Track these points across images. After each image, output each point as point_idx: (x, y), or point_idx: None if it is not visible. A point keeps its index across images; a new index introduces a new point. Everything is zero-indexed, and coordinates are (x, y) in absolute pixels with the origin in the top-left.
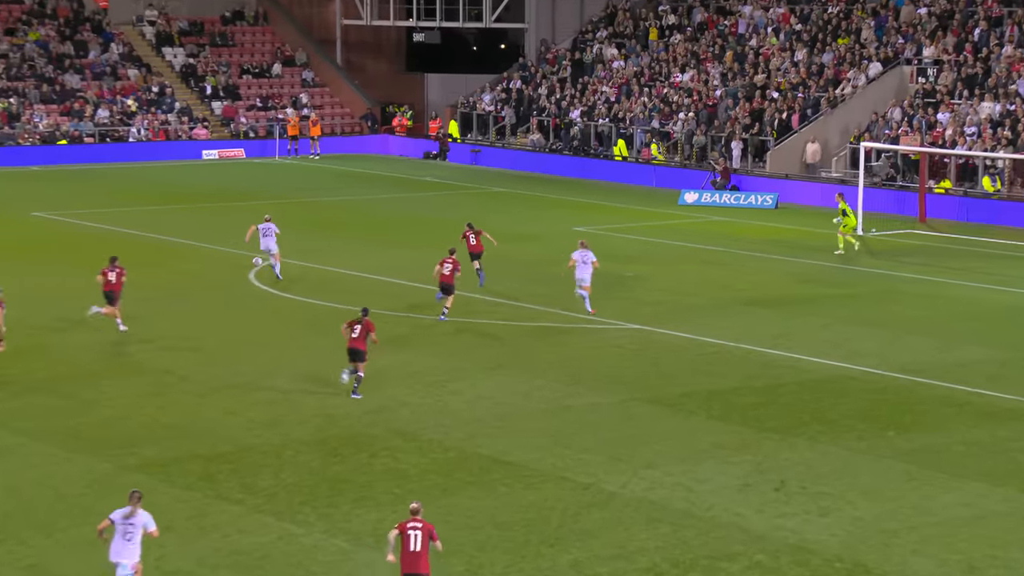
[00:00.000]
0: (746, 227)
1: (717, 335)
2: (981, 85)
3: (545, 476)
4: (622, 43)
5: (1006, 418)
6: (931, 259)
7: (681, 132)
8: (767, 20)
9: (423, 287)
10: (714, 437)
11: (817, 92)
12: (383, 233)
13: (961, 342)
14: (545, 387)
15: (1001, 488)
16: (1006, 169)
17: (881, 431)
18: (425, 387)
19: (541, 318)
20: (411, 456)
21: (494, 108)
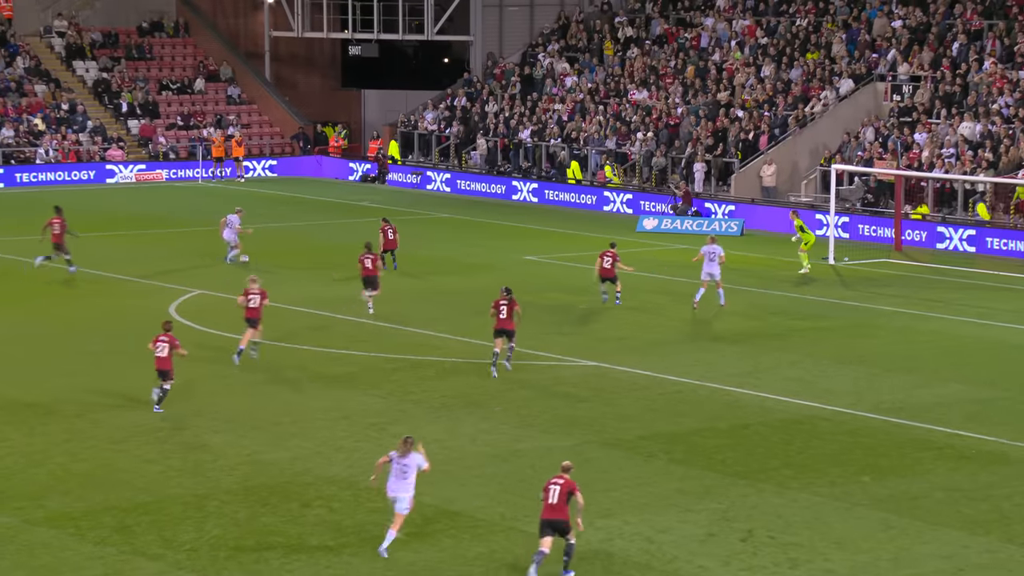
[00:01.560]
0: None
1: (679, 373)
2: (960, 103)
3: (493, 527)
4: (575, 57)
5: (988, 461)
6: (907, 290)
7: (639, 153)
8: (731, 33)
9: (360, 321)
10: (676, 483)
11: (785, 110)
12: (316, 262)
13: (940, 380)
14: (493, 430)
15: (983, 538)
16: (987, 194)
17: (855, 476)
18: (363, 430)
19: (489, 355)
20: (347, 506)
21: (437, 127)
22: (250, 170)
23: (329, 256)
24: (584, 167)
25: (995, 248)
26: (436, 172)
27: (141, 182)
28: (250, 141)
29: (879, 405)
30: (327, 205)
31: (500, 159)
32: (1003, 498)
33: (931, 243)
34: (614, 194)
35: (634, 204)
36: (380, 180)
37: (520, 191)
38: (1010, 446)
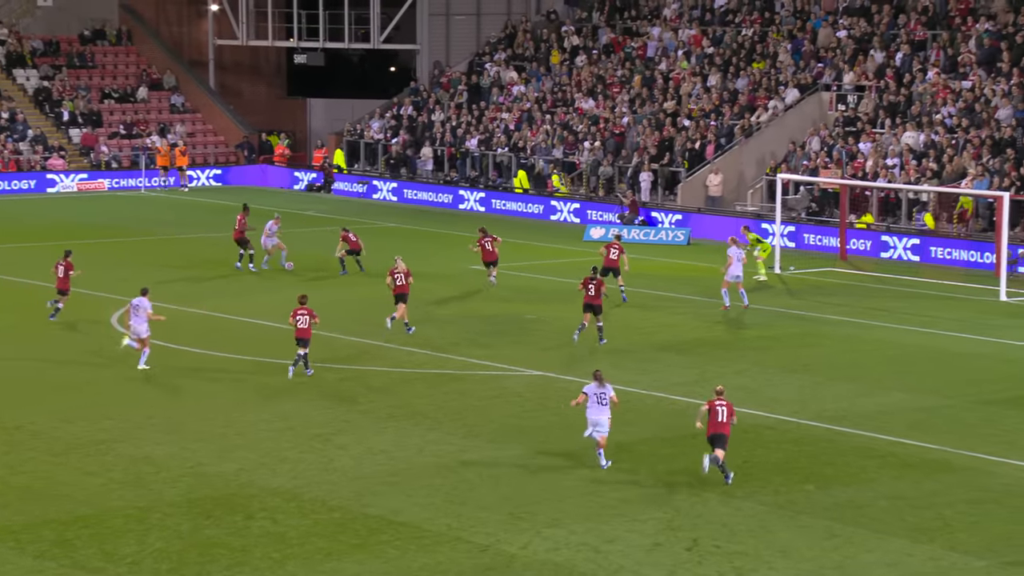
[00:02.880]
0: (656, 265)
1: (626, 382)
2: (904, 113)
3: (439, 538)
4: (522, 66)
5: (931, 469)
6: (852, 299)
7: (586, 162)
8: (677, 43)
9: None
10: (622, 493)
11: (731, 120)
12: (261, 273)
13: (883, 388)
14: (440, 440)
15: (926, 546)
16: (931, 203)
17: (800, 485)
18: (307, 441)
19: (436, 364)
20: (291, 517)
21: (384, 136)
22: (194, 179)
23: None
24: (531, 176)
25: (938, 257)
26: (383, 181)
27: (83, 191)
28: (194, 150)
29: (823, 413)
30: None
31: (447, 168)
32: (946, 506)
33: (875, 252)
34: (561, 203)
35: (581, 213)
36: (326, 189)
37: (467, 200)
38: (953, 454)
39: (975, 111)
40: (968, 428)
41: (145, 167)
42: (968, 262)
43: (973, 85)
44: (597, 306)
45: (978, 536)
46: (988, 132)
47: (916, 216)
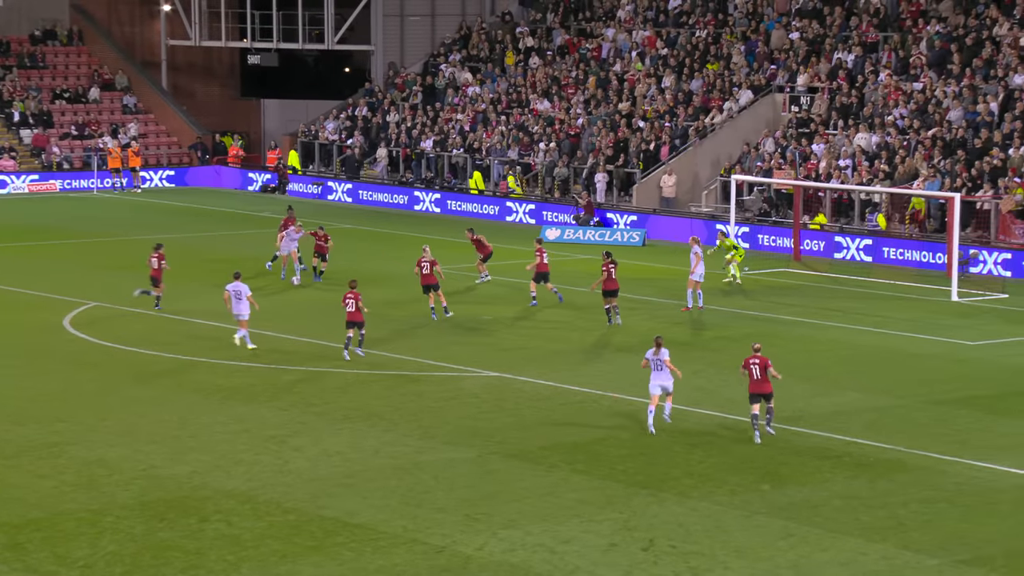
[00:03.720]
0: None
1: (582, 383)
2: (856, 115)
3: (395, 539)
4: (477, 67)
5: (885, 469)
6: (806, 299)
7: (542, 163)
8: (631, 44)
9: (261, 333)
10: (578, 493)
11: (686, 121)
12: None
13: (838, 388)
14: (396, 442)
15: (880, 544)
16: (884, 204)
17: (755, 485)
18: (262, 443)
19: (392, 366)
20: (246, 520)
21: (338, 137)
22: (147, 180)
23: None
24: (487, 177)
25: (891, 258)
26: (338, 182)
27: (34, 193)
28: (147, 151)
29: (779, 414)
30: (226, 216)
31: (402, 169)
32: (899, 505)
33: (829, 253)
34: (517, 204)
35: (537, 214)
36: (280, 190)
37: (422, 201)
38: (907, 453)
39: (927, 112)
40: (921, 428)
41: (97, 168)
42: (920, 263)
43: (924, 87)
44: (615, 290)
45: (931, 535)
46: (939, 133)
47: (869, 217)
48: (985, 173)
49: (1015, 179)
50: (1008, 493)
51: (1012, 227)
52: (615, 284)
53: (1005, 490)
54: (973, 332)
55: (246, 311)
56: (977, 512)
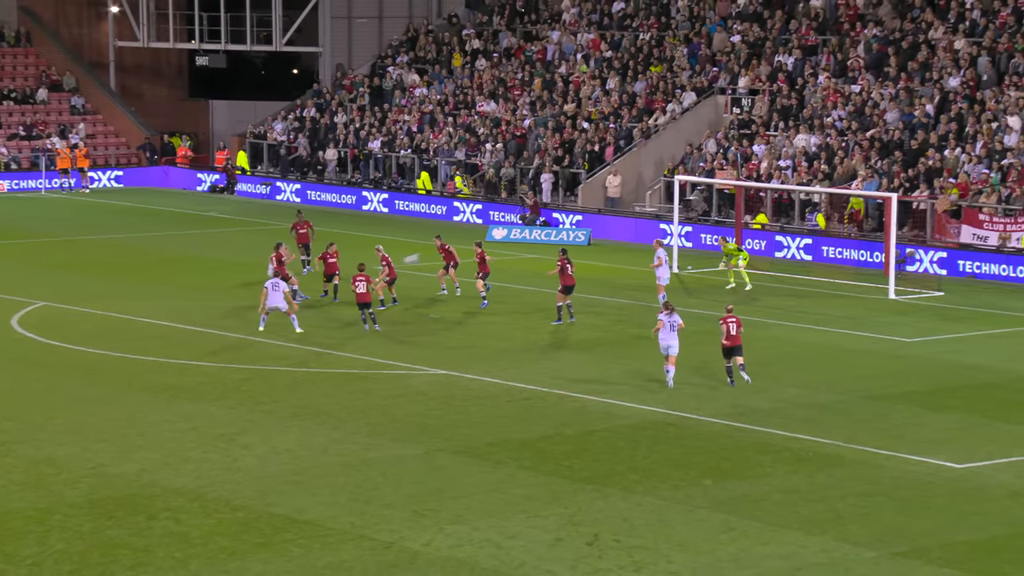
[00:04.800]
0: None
1: (528, 380)
2: (796, 116)
3: (344, 535)
4: (424, 69)
5: (824, 464)
6: (748, 297)
7: (488, 164)
8: (576, 47)
9: (209, 332)
10: (525, 489)
11: (630, 122)
12: (164, 274)
13: (779, 384)
14: (344, 439)
15: (819, 537)
16: (823, 204)
17: (698, 479)
18: (211, 441)
19: (341, 364)
20: (195, 517)
21: (287, 137)
22: (95, 180)
23: (180, 267)
24: (434, 177)
25: (830, 256)
26: (286, 183)
27: None
28: (95, 151)
29: (721, 410)
30: (175, 216)
31: (350, 169)
32: (838, 499)
33: (770, 252)
34: (464, 204)
35: (484, 214)
36: (229, 190)
37: (370, 201)
38: (845, 448)
39: (864, 114)
40: (859, 423)
41: (45, 169)
42: (858, 261)
43: (862, 89)
44: (572, 286)
45: (868, 527)
46: (877, 135)
47: (808, 216)
48: (921, 174)
49: (950, 179)
50: (943, 487)
51: (947, 226)
52: (572, 280)
53: (940, 484)
54: (910, 329)
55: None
56: (913, 505)
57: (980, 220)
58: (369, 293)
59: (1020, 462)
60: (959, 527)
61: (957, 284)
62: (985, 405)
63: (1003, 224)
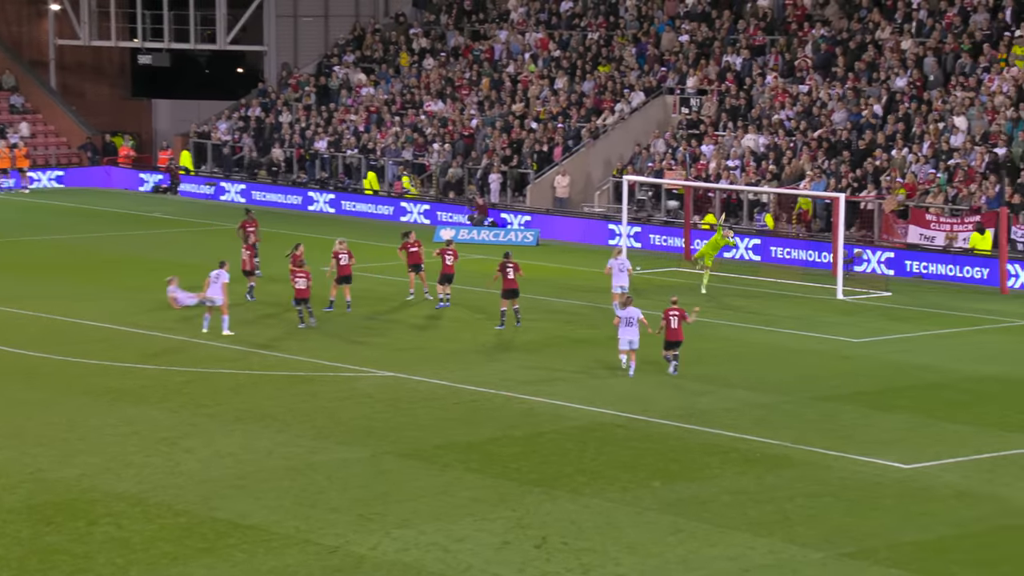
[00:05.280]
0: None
1: (476, 382)
2: (744, 116)
3: (288, 540)
4: (371, 68)
5: (772, 464)
6: (696, 298)
7: (436, 164)
8: (523, 46)
9: (152, 334)
10: (472, 492)
11: (578, 122)
12: (107, 276)
13: (728, 385)
14: (289, 442)
15: (767, 539)
16: (771, 204)
17: (646, 481)
18: (153, 445)
19: (286, 367)
20: (136, 522)
21: (231, 137)
22: (35, 181)
23: (122, 269)
24: (381, 178)
25: (778, 257)
26: (231, 183)
27: None
28: (35, 151)
29: (670, 411)
30: (117, 216)
31: (296, 169)
32: (786, 500)
33: (719, 252)
34: (411, 204)
35: (431, 215)
36: (172, 191)
37: (316, 202)
38: (793, 449)
39: (812, 114)
40: (807, 423)
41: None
42: (806, 262)
43: (810, 89)
44: (515, 290)
45: (816, 529)
46: (824, 135)
47: (757, 217)
48: (869, 174)
49: (897, 179)
50: (890, 487)
51: (895, 226)
52: (514, 284)
53: (888, 484)
54: (857, 329)
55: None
56: (861, 506)
57: (927, 220)
58: (308, 289)
59: (967, 462)
60: (906, 528)
61: (904, 284)
62: (932, 405)
63: (950, 224)
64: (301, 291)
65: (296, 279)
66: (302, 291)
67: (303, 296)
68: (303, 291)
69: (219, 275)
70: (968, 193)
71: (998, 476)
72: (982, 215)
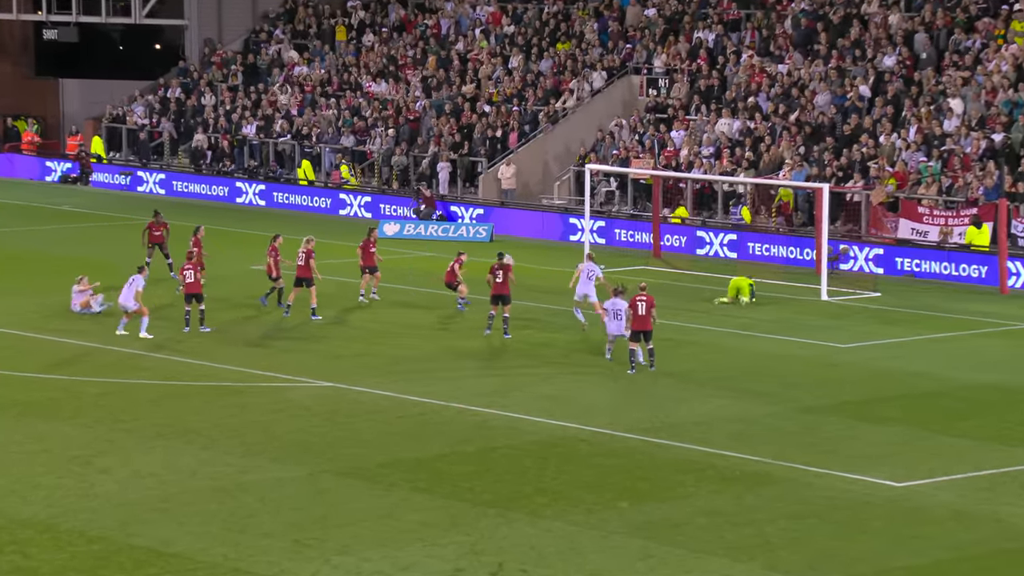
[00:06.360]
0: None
1: (423, 393)
2: (718, 99)
3: (216, 569)
4: (304, 45)
5: (752, 483)
6: (667, 299)
7: (378, 151)
8: (471, 21)
9: (62, 341)
10: (420, 514)
11: (535, 105)
12: (8, 275)
13: (702, 395)
14: (216, 460)
15: (746, 564)
16: (748, 195)
17: (613, 502)
18: (64, 464)
19: (212, 376)
20: (45, 551)
21: (148, 121)
22: None
23: (27, 266)
24: (317, 166)
25: (756, 254)
26: (148, 172)
27: None
28: None
29: (638, 424)
30: (21, 209)
31: (223, 158)
32: (767, 522)
33: (691, 248)
34: (351, 196)
35: (373, 207)
36: (83, 181)
37: (245, 193)
38: (774, 465)
39: (792, 96)
40: (789, 437)
41: None
42: (787, 259)
43: (789, 68)
44: (506, 295)
45: (799, 553)
46: (806, 119)
47: (732, 210)
48: (855, 162)
49: (886, 168)
50: (880, 507)
51: (884, 220)
52: (505, 289)
53: (877, 504)
54: (844, 333)
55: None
56: (848, 528)
57: (919, 213)
58: (199, 283)
59: (964, 479)
60: (898, 552)
61: (895, 284)
62: (926, 416)
63: (944, 218)
64: (190, 285)
65: (184, 273)
66: (191, 285)
67: (193, 292)
68: (192, 285)
69: (133, 280)
70: (964, 183)
71: (998, 495)
72: (979, 207)
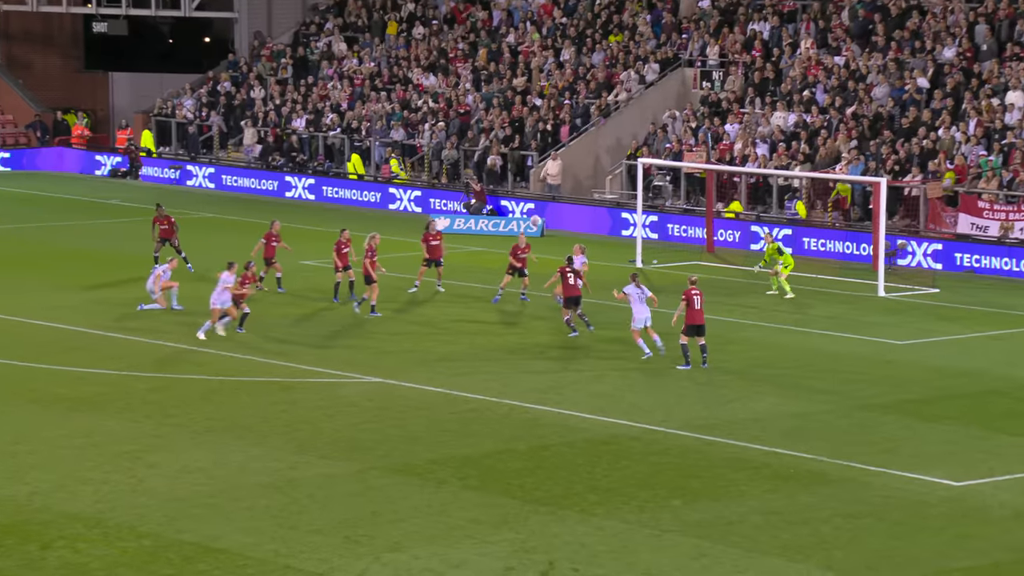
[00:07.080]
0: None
1: (474, 389)
2: (773, 92)
3: (265, 565)
4: (354, 38)
5: (807, 481)
6: (720, 295)
7: (428, 145)
8: (523, 14)
9: (111, 336)
10: (471, 512)
11: (587, 99)
12: (58, 270)
13: (756, 393)
14: (266, 456)
15: (801, 564)
16: (804, 190)
17: (665, 500)
18: (114, 459)
19: (262, 371)
20: (95, 546)
21: (198, 115)
22: None
23: (75, 263)
24: (367, 160)
25: (812, 249)
26: (198, 166)
27: None
28: None
29: (691, 422)
30: (71, 203)
31: (273, 152)
32: (822, 521)
33: (745, 244)
34: (401, 191)
35: (423, 202)
36: (132, 175)
37: (294, 188)
38: (830, 464)
39: (849, 89)
40: (845, 435)
41: None
42: (844, 254)
43: (847, 60)
44: (577, 297)
45: (856, 553)
46: (863, 112)
47: (787, 204)
48: (914, 156)
49: (946, 162)
50: (938, 507)
51: (942, 215)
52: (576, 291)
53: (935, 503)
54: (901, 330)
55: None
56: (905, 528)
57: (979, 208)
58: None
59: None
60: (957, 552)
61: (954, 279)
62: (986, 415)
63: (1005, 212)
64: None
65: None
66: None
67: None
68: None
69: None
70: None
71: None
72: None
